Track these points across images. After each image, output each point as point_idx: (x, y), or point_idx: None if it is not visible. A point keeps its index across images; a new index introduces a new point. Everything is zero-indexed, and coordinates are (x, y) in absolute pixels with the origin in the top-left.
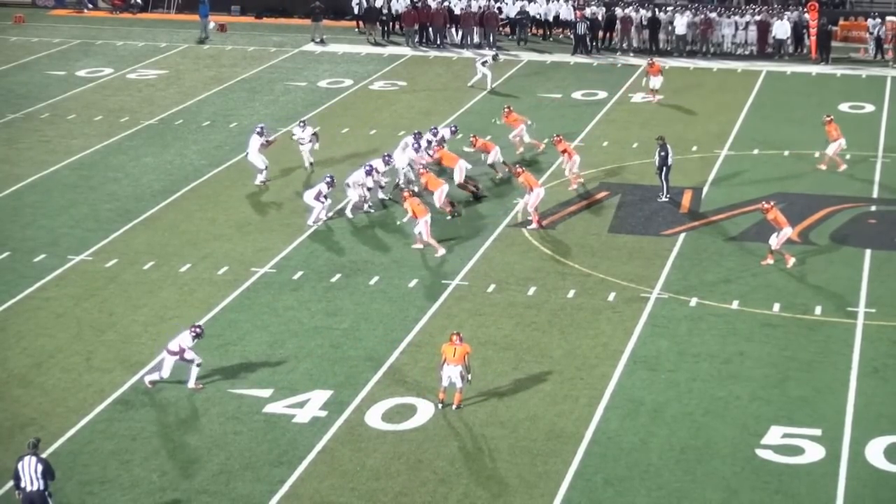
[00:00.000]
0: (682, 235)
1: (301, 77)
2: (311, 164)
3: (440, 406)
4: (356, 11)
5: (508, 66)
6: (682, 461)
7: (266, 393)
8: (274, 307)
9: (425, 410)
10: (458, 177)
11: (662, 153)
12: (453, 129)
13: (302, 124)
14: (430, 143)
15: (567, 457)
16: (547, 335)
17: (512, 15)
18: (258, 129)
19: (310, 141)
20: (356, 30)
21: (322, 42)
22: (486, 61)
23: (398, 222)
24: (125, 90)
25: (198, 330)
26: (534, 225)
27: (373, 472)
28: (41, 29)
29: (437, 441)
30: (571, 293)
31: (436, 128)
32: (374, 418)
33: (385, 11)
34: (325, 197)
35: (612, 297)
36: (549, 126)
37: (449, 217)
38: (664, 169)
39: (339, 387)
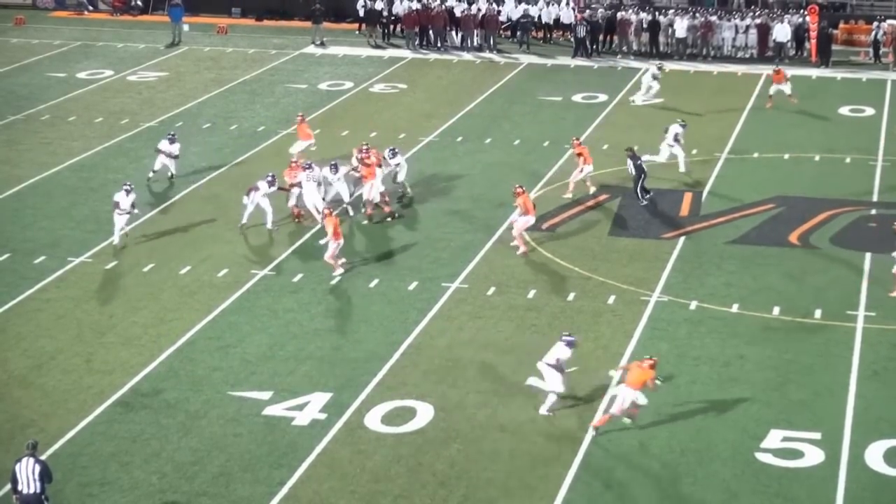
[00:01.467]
0: (682, 238)
1: (301, 79)
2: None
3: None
4: (360, 14)
5: (508, 68)
6: (681, 464)
7: (266, 395)
8: (274, 309)
9: (425, 413)
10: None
11: (637, 163)
12: (683, 123)
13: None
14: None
15: (567, 460)
16: (547, 338)
17: (514, 18)
18: (170, 135)
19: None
20: (357, 32)
21: (322, 44)
22: (655, 74)
23: (316, 243)
24: (125, 92)
25: (571, 338)
26: (521, 250)
27: (372, 474)
28: (42, 31)
29: (437, 444)
30: (571, 296)
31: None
32: (373, 421)
33: (386, 14)
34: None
35: (611, 299)
36: (550, 129)
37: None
38: (642, 177)
39: (338, 389)
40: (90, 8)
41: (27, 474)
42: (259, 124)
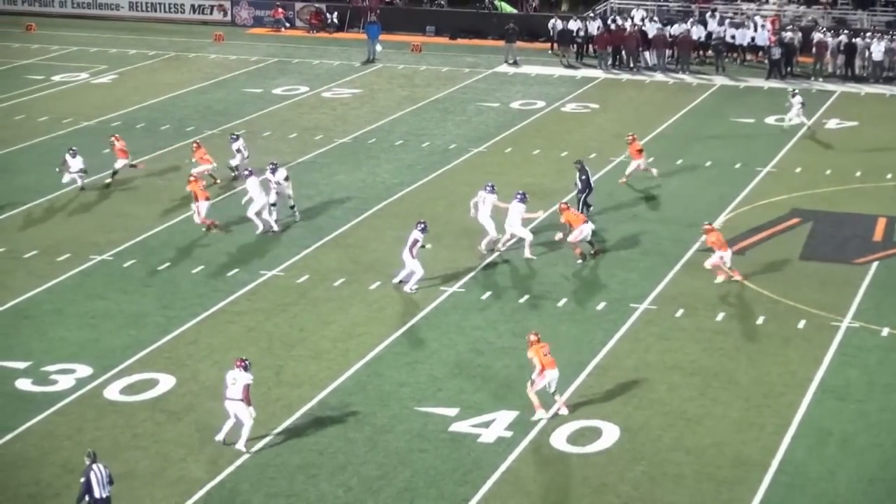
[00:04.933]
0: (875, 264)
1: (493, 98)
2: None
3: None
4: (552, 34)
5: (701, 90)
6: (869, 493)
7: (452, 412)
8: (461, 327)
9: (610, 434)
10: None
11: (583, 177)
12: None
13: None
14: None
15: (752, 485)
16: (734, 361)
17: (707, 39)
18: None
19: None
20: (549, 51)
21: (515, 63)
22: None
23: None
24: (320, 108)
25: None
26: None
27: (556, 494)
28: (239, 47)
29: (622, 465)
30: (761, 320)
31: None
32: (559, 440)
33: (581, 34)
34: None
35: (801, 324)
36: (742, 151)
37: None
38: (587, 192)
39: (524, 407)
40: (287, 25)
41: (100, 480)
42: (450, 142)
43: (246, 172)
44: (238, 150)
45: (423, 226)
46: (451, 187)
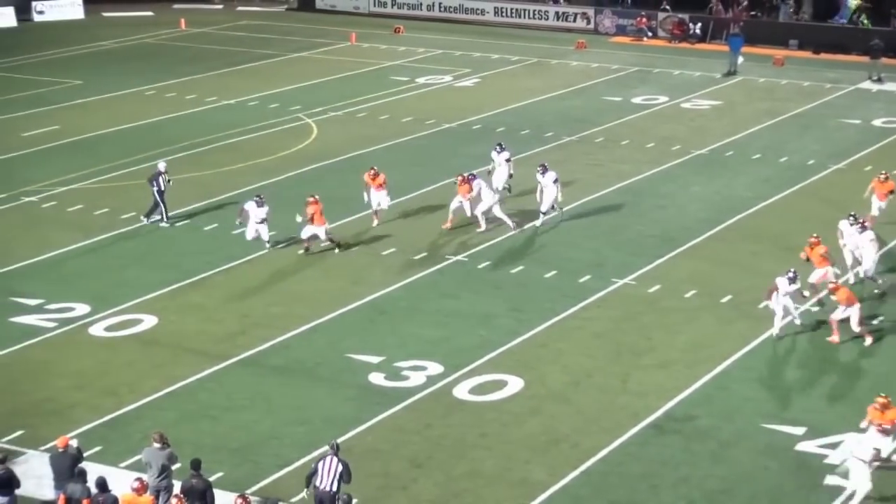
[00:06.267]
0: None
1: (855, 115)
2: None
3: None
4: None
5: None
6: None
7: (799, 431)
8: (813, 345)
9: None
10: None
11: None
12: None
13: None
14: None
15: None
16: None
17: None
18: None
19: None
20: None
21: (879, 80)
22: None
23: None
24: (678, 119)
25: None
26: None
27: None
28: (601, 55)
29: None
30: None
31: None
32: None
33: None
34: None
35: None
36: None
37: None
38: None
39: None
40: (649, 34)
41: (329, 472)
42: (809, 158)
43: (470, 176)
44: (507, 161)
45: (792, 274)
46: (807, 204)
